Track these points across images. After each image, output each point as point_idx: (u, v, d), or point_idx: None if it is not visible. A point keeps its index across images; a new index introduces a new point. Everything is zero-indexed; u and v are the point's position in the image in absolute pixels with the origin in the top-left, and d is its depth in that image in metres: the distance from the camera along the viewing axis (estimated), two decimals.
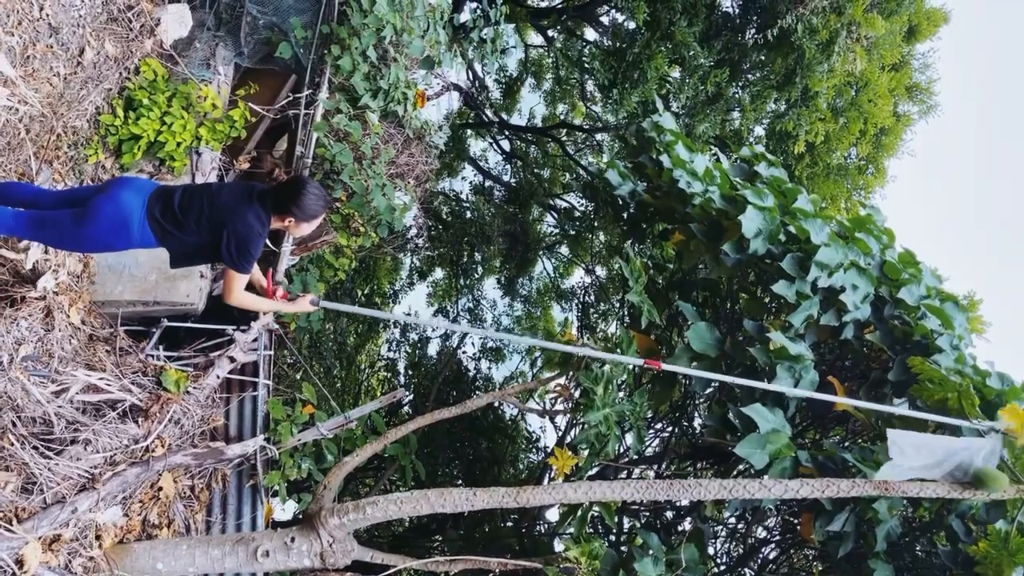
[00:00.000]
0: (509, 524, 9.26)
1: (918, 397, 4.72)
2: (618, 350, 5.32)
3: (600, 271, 13.64)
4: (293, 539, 4.06)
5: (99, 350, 4.56)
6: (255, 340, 5.37)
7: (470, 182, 16.48)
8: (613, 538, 7.21)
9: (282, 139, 7.16)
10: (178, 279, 5.46)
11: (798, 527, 5.97)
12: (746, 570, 8.01)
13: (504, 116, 15.80)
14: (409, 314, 14.48)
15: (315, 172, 6.13)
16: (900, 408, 4.49)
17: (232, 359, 5.07)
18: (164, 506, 4.38)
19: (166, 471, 4.37)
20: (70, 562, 3.64)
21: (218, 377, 4.96)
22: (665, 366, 4.35)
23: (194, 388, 4.71)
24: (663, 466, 7.42)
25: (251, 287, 4.07)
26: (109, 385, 4.25)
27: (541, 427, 12.65)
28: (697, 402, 7.52)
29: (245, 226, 3.58)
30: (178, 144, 5.46)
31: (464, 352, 13.70)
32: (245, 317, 5.57)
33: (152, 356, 4.94)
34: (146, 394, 4.43)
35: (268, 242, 5.37)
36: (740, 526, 8.10)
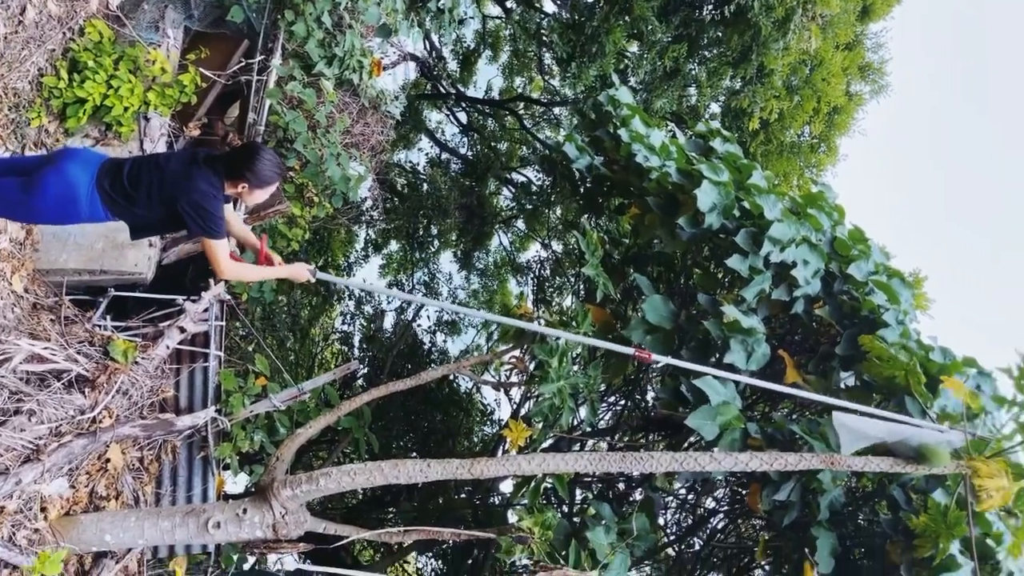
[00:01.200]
0: (463, 496, 9.32)
1: (866, 373, 4.84)
2: (573, 323, 5.35)
3: (556, 245, 13.67)
4: (245, 510, 4.03)
5: (43, 319, 4.43)
6: (206, 310, 5.26)
7: (426, 154, 16.31)
8: (566, 509, 7.31)
9: (234, 106, 6.99)
10: (126, 248, 5.32)
11: (746, 498, 6.11)
12: (695, 540, 8.20)
13: (461, 88, 15.64)
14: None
15: (268, 140, 6.00)
16: (844, 402, 4.56)
17: (182, 329, 4.97)
18: (112, 478, 4.30)
19: (114, 442, 4.28)
20: (14, 534, 3.56)
21: (168, 348, 4.86)
22: (655, 357, 4.33)
23: (142, 359, 4.61)
24: (616, 438, 7.52)
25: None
26: (54, 355, 4.13)
27: (496, 400, 12.69)
28: (651, 375, 7.61)
29: (198, 192, 3.47)
30: (125, 109, 5.29)
31: (419, 325, 13.66)
32: (196, 287, 5.47)
33: (99, 326, 4.82)
34: (93, 364, 4.33)
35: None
36: (691, 497, 8.28)
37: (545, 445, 6.57)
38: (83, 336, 4.49)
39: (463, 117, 16.35)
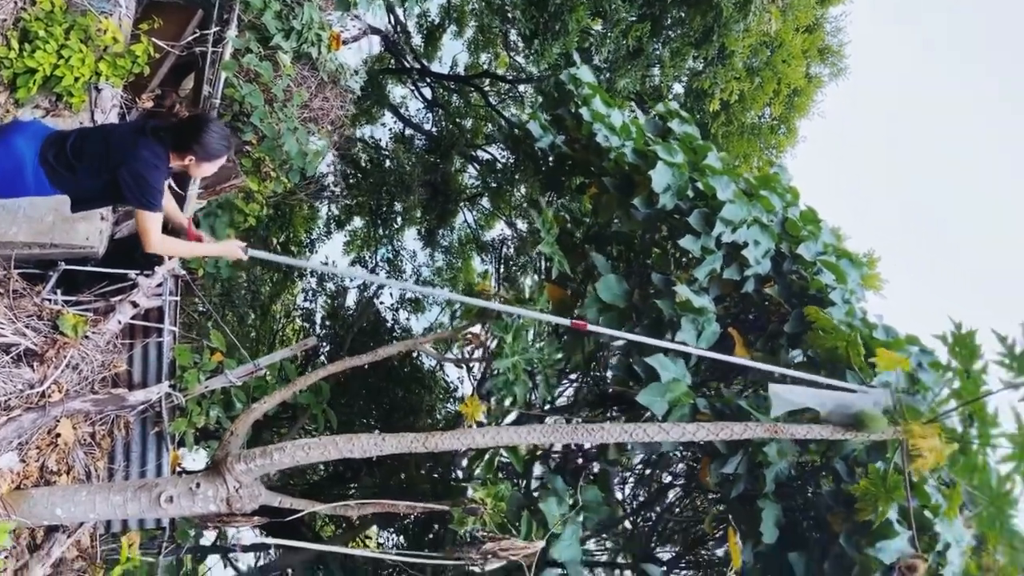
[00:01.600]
0: (424, 472, 9.39)
1: (811, 346, 4.98)
2: (531, 301, 5.41)
3: (521, 224, 13.70)
4: (198, 484, 4.03)
5: None
6: (159, 285, 5.23)
7: (390, 129, 16.18)
8: (523, 484, 7.41)
9: (188, 77, 6.87)
10: (77, 221, 5.24)
11: (698, 472, 6.25)
12: (651, 513, 8.37)
13: (426, 63, 15.51)
14: (326, 264, 14.29)
15: (223, 113, 5.93)
16: (789, 370, 4.70)
17: (135, 304, 4.93)
18: (63, 453, 4.28)
19: (64, 417, 4.26)
20: None
21: (119, 322, 4.83)
22: (591, 327, 4.41)
23: (93, 333, 4.57)
24: (575, 415, 7.63)
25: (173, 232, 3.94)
26: (2, 328, 4.09)
27: (459, 377, 12.74)
28: (610, 353, 7.72)
29: (139, 161, 3.43)
30: (76, 79, 5.19)
31: (382, 303, 13.62)
32: (149, 262, 5.41)
33: (49, 300, 4.76)
34: (42, 338, 4.28)
35: (174, 185, 5.20)
36: (647, 472, 8.44)
37: (507, 422, 6.65)
38: (32, 310, 4.44)
39: (428, 93, 16.23)
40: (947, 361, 4.72)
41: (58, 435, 4.25)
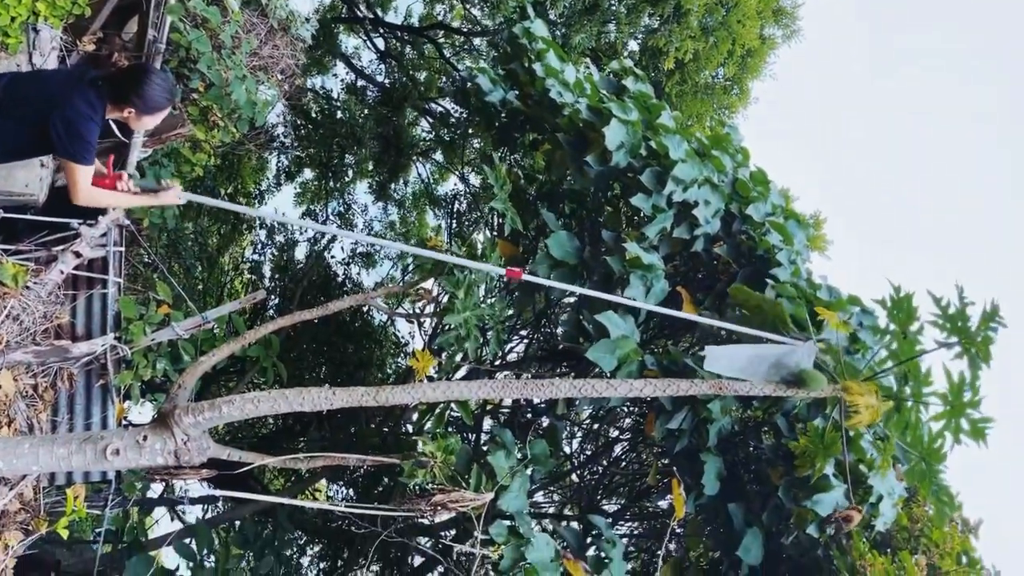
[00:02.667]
0: (374, 426, 9.44)
1: (742, 321, 5.10)
2: (483, 257, 5.42)
3: (474, 179, 13.62)
4: (145, 437, 3.99)
5: None
6: (104, 235, 5.10)
7: (342, 80, 15.83)
8: (473, 439, 7.51)
9: (132, 20, 6.62)
10: (15, 168, 5.07)
11: (644, 426, 6.41)
12: (598, 466, 8.57)
13: (379, 13, 15.17)
14: (281, 224, 14.07)
15: (169, 59, 5.75)
16: (725, 323, 4.82)
17: (77, 254, 4.81)
18: (3, 405, 4.20)
19: (4, 368, 4.17)
20: None
21: (62, 272, 4.71)
22: (526, 276, 4.46)
23: (35, 283, 4.46)
24: (524, 370, 7.72)
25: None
26: None
27: (410, 332, 12.75)
28: (560, 310, 7.80)
29: (73, 111, 3.27)
30: (12, 19, 4.97)
31: (333, 257, 13.50)
32: (93, 211, 5.27)
33: None
34: None
35: (118, 132, 5.04)
36: (596, 427, 8.61)
37: (457, 377, 6.70)
38: None
39: (381, 43, 15.90)
40: (886, 324, 4.88)
41: None
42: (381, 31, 15.54)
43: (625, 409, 7.76)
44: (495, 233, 8.05)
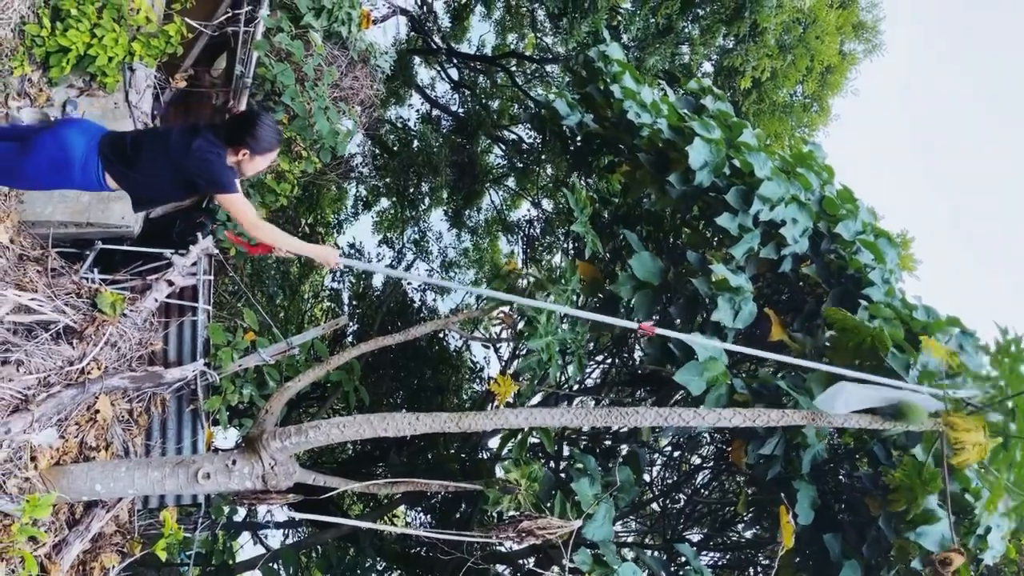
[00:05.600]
0: (452, 452, 9.43)
1: (835, 344, 4.87)
2: (561, 279, 5.37)
3: (547, 204, 13.62)
4: (234, 461, 4.06)
5: (30, 270, 4.41)
6: (194, 264, 5.25)
7: (417, 111, 16.13)
8: (553, 465, 7.41)
9: (221, 57, 6.88)
10: (112, 201, 5.28)
11: (729, 454, 6.21)
12: (680, 495, 8.35)
13: (453, 44, 15.42)
14: (355, 246, 14.33)
15: (256, 92, 5.94)
16: (823, 365, 4.56)
17: (170, 283, 4.96)
18: (101, 429, 4.32)
19: (103, 394, 4.30)
20: (4, 483, 3.58)
21: (156, 300, 4.86)
22: (658, 330, 4.32)
23: (131, 311, 4.60)
24: (603, 395, 7.60)
25: None
26: (41, 306, 4.12)
27: (486, 358, 12.75)
28: (638, 334, 7.67)
29: (200, 150, 3.51)
30: (110, 59, 5.22)
31: (409, 284, 13.64)
32: (183, 241, 5.45)
33: (86, 278, 4.80)
34: (80, 316, 4.32)
35: None
36: (677, 454, 8.40)
37: (534, 402, 6.63)
38: (70, 288, 4.48)
39: (454, 74, 16.15)
40: (986, 372, 4.62)
41: (97, 411, 4.29)
42: (455, 61, 15.79)
43: (707, 436, 7.55)
44: (572, 256, 8.00)
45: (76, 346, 4.18)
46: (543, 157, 12.62)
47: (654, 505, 8.55)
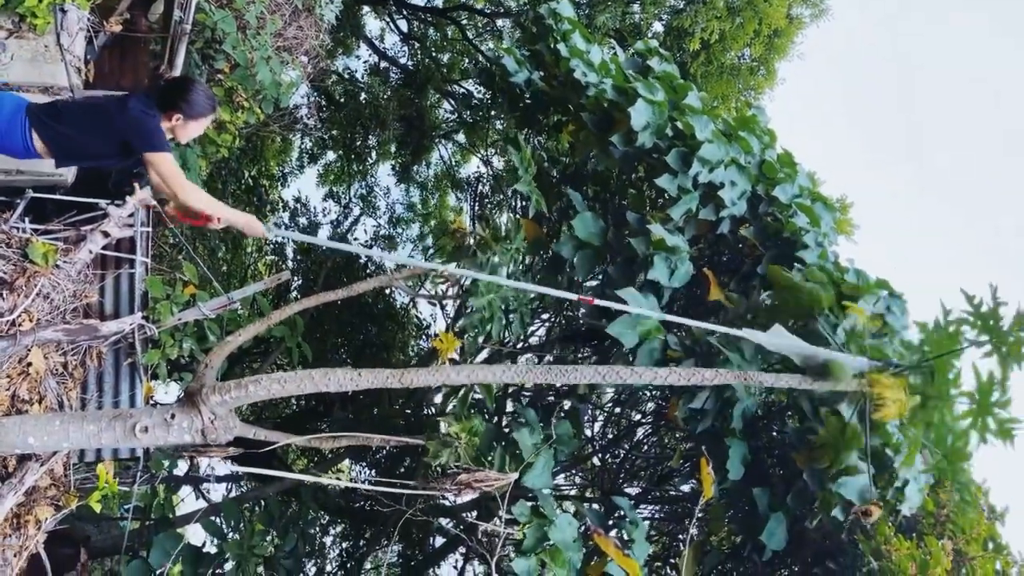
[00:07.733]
0: (397, 407, 9.49)
1: (776, 303, 5.02)
2: (507, 239, 5.40)
3: (497, 161, 13.57)
4: (173, 416, 4.03)
5: None
6: (131, 216, 5.13)
7: (365, 62, 15.83)
8: (496, 420, 7.52)
9: (158, 1, 6.65)
10: None
11: (666, 411, 6.39)
12: (620, 450, 8.57)
13: None
14: (300, 200, 14.10)
15: (194, 40, 5.76)
16: (754, 333, 4.69)
17: (106, 234, 4.84)
18: (34, 382, 4.25)
19: (35, 346, 4.22)
20: None
21: (91, 252, 4.74)
22: (598, 302, 4.38)
23: (64, 262, 4.50)
24: (547, 352, 7.71)
25: None
26: None
27: (432, 315, 12.78)
28: (582, 290, 7.77)
29: (135, 110, 3.51)
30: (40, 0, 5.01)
31: (356, 239, 13.53)
32: (119, 191, 5.31)
33: (17, 228, 4.66)
34: (11, 266, 4.21)
35: None
36: (617, 410, 8.60)
37: (480, 359, 6.70)
38: (0, 238, 4.35)
39: (404, 25, 15.85)
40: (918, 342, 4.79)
41: (29, 364, 4.22)
42: (405, 13, 15.49)
43: (647, 393, 7.73)
44: (518, 215, 8.03)
45: (6, 298, 4.08)
46: (492, 113, 12.53)
47: (595, 460, 8.77)
